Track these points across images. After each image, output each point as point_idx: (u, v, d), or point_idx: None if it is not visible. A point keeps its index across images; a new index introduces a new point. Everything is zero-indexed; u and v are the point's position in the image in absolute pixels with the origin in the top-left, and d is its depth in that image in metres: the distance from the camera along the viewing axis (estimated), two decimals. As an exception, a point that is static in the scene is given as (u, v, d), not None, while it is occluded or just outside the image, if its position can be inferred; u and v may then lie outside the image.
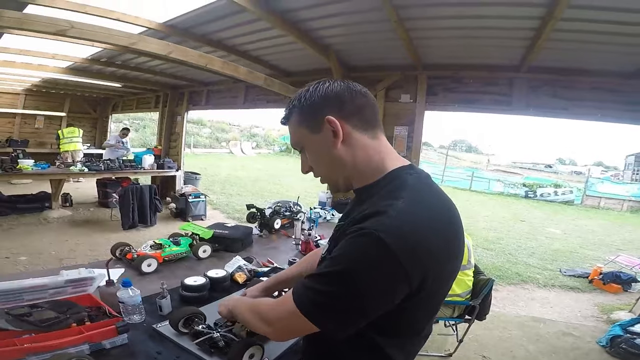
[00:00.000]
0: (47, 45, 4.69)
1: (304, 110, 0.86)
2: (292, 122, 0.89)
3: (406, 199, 0.73)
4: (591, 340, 3.35)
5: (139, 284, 1.47)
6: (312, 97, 0.84)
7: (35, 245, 4.51)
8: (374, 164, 0.85)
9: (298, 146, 0.91)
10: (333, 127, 0.82)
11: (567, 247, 7.58)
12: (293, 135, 0.90)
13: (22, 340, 1.00)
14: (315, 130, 0.84)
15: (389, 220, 0.69)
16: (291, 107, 0.88)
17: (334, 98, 0.83)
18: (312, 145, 0.87)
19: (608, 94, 3.47)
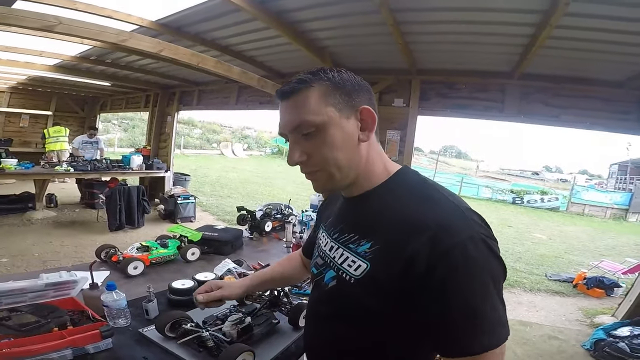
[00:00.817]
0: (34, 42, 4.57)
1: (338, 88, 0.72)
2: (311, 96, 0.71)
3: (447, 193, 0.69)
4: (576, 343, 3.42)
5: (124, 287, 1.43)
6: (349, 80, 0.74)
7: (17, 247, 4.38)
8: (381, 164, 0.79)
9: (310, 127, 0.71)
10: (370, 119, 0.74)
11: (552, 253, 7.72)
12: (308, 112, 0.71)
13: (0, 345, 0.95)
14: (347, 114, 0.73)
15: (462, 215, 0.63)
16: (313, 78, 0.72)
17: (367, 90, 0.77)
18: (337, 130, 0.72)
19: (599, 102, 3.51)
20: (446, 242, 0.58)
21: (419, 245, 0.59)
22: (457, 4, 2.65)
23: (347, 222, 0.81)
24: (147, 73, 6.45)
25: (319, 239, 0.92)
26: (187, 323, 1.17)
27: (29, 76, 7.54)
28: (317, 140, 0.72)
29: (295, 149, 0.75)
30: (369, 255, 0.69)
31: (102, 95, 10.17)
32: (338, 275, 0.76)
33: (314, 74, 0.72)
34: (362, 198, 0.78)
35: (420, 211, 0.64)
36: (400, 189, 0.74)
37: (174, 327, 1.16)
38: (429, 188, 0.71)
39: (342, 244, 0.78)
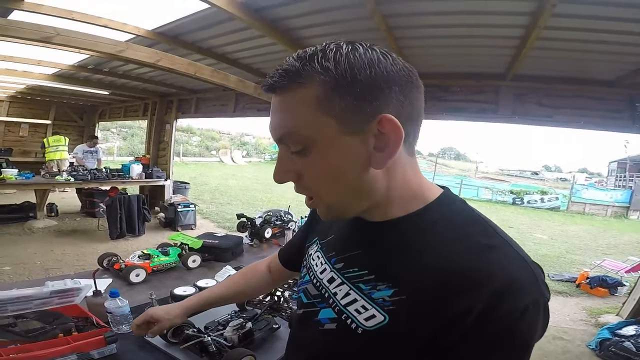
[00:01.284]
0: (32, 51, 4.61)
1: (344, 86, 0.48)
2: (301, 98, 0.50)
3: (507, 238, 0.53)
4: (581, 343, 3.41)
5: (127, 294, 1.45)
6: (365, 69, 0.48)
7: (19, 256, 4.41)
8: (412, 190, 0.58)
9: (297, 143, 0.52)
10: (392, 134, 0.49)
11: (554, 252, 7.72)
12: (295, 122, 0.51)
13: (7, 351, 0.98)
14: (351, 128, 0.50)
15: (532, 272, 0.49)
16: (306, 71, 0.49)
17: (397, 82, 0.50)
18: (333, 151, 0.51)
19: (591, 101, 3.55)
20: (509, 303, 0.45)
21: (472, 302, 0.45)
22: (448, 8, 2.70)
23: (360, 253, 0.61)
24: (145, 81, 6.51)
25: (310, 256, 0.74)
26: (189, 329, 1.19)
27: (27, 85, 7.58)
28: (308, 161, 0.53)
29: (282, 163, 0.56)
30: (389, 305, 0.52)
31: (101, 104, 10.21)
32: (340, 318, 0.58)
33: (310, 60, 0.49)
34: (386, 227, 0.58)
35: (477, 260, 0.48)
36: (443, 224, 0.55)
37: (176, 332, 1.18)
38: (485, 228, 0.54)
39: (348, 281, 0.59)
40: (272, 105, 0.55)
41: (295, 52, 0.52)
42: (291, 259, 0.94)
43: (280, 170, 0.57)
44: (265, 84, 0.54)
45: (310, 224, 0.87)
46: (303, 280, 0.73)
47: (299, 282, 0.76)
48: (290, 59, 0.51)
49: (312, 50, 0.51)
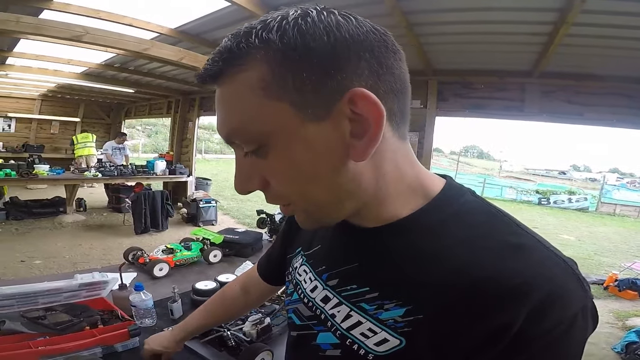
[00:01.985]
0: (62, 50, 4.77)
1: (299, 58, 0.37)
2: (244, 85, 0.39)
3: (536, 235, 0.44)
4: (606, 346, 3.32)
5: (151, 288, 1.48)
6: (317, 36, 0.37)
7: (49, 249, 4.59)
8: (409, 184, 0.47)
9: (248, 142, 0.42)
10: (371, 113, 0.38)
11: (581, 254, 7.48)
12: (239, 117, 0.41)
13: (36, 343, 1.01)
14: (316, 111, 0.39)
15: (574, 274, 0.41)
16: (247, 47, 0.38)
17: (362, 50, 0.39)
18: (297, 144, 0.40)
19: (623, 99, 3.42)
20: (555, 314, 0.36)
21: (511, 315, 0.36)
22: (470, 5, 2.65)
23: (356, 266, 0.50)
24: (168, 79, 6.64)
25: (295, 270, 0.64)
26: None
27: (58, 84, 7.85)
28: (269, 163, 0.42)
29: (242, 170, 0.45)
30: (404, 327, 0.43)
31: (127, 102, 10.49)
32: (344, 344, 0.48)
33: (245, 36, 0.39)
34: (384, 233, 0.48)
35: (509, 264, 0.39)
36: (455, 222, 0.45)
37: (197, 326, 1.20)
38: (508, 224, 0.44)
39: (346, 300, 0.50)
40: (216, 100, 0.43)
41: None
42: (273, 274, 0.83)
43: (240, 179, 0.45)
44: (198, 75, 0.43)
45: (286, 232, 0.75)
46: (291, 298, 0.62)
47: (286, 301, 0.65)
48: (225, 40, 0.41)
49: (250, 24, 0.40)
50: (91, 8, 3.32)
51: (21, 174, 5.44)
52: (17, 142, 9.29)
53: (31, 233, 5.25)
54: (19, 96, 9.35)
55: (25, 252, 4.38)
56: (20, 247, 4.56)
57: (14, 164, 5.75)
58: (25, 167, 5.75)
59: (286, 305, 0.64)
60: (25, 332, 1.06)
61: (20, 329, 1.06)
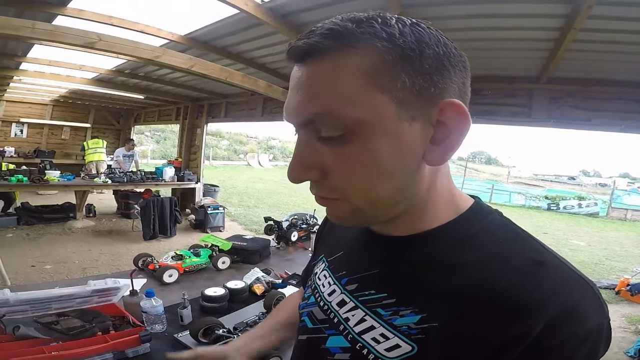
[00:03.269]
0: (74, 56, 4.85)
1: (408, 58, 0.39)
2: (348, 67, 0.39)
3: (558, 255, 0.44)
4: (618, 350, 3.31)
5: (160, 294, 1.50)
6: (432, 44, 0.40)
7: (60, 255, 4.64)
8: (445, 197, 0.49)
9: (337, 127, 0.40)
10: (457, 124, 0.42)
11: (592, 259, 7.43)
12: (337, 98, 0.39)
13: (50, 348, 1.03)
14: (413, 112, 0.40)
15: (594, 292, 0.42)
16: (359, 33, 0.39)
17: (461, 66, 0.43)
18: (388, 139, 0.40)
19: (632, 104, 3.38)
20: (570, 329, 0.37)
21: (525, 328, 0.37)
22: (476, 12, 2.65)
23: (377, 272, 0.52)
24: (178, 86, 6.72)
25: (316, 276, 0.65)
26: (219, 329, 1.22)
27: (69, 89, 7.94)
28: (346, 151, 0.41)
29: (304, 156, 0.44)
30: (417, 334, 0.43)
31: (136, 108, 10.61)
32: (354, 348, 0.49)
33: (368, 23, 0.39)
34: (409, 241, 0.49)
35: (529, 279, 0.40)
36: (482, 237, 0.46)
37: (206, 332, 1.22)
38: (531, 243, 0.45)
39: (362, 304, 0.50)
40: (298, 78, 0.42)
41: (335, 17, 0.41)
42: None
43: (299, 166, 0.44)
44: (297, 46, 0.41)
45: (317, 240, 0.76)
46: (307, 302, 0.63)
47: (301, 305, 0.65)
48: (334, 21, 0.40)
49: (362, 14, 0.40)
50: (104, 14, 3.39)
51: (33, 180, 5.52)
52: (29, 148, 9.43)
53: (42, 238, 5.33)
54: (31, 101, 9.48)
55: (36, 257, 4.45)
56: (31, 252, 4.62)
57: (25, 169, 5.84)
58: (37, 173, 5.83)
59: (300, 309, 0.64)
60: (39, 337, 1.08)
61: (34, 334, 1.08)
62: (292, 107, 0.43)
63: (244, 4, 2.87)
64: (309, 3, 2.92)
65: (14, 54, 4.87)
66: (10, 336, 1.06)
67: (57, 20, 3.32)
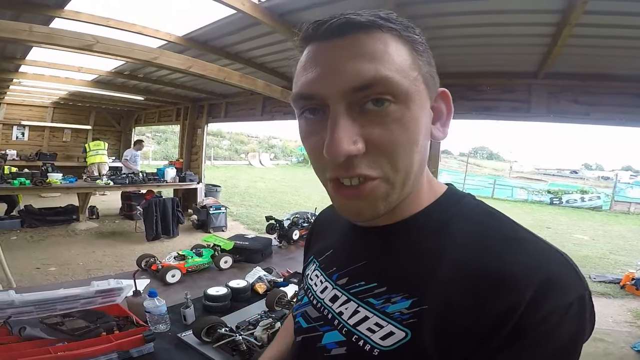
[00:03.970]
0: (73, 58, 4.85)
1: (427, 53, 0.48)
2: (395, 45, 0.44)
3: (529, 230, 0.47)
4: (625, 345, 3.30)
5: (163, 294, 1.52)
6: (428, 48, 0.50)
7: (63, 256, 4.67)
8: (427, 181, 0.53)
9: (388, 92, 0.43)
10: (448, 108, 0.52)
11: (596, 253, 7.40)
12: (390, 66, 0.43)
13: (55, 349, 1.05)
14: (430, 94, 0.48)
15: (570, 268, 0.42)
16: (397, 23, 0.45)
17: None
18: (422, 113, 0.46)
19: (631, 97, 3.38)
20: (551, 304, 0.38)
21: (511, 303, 0.38)
22: (473, 8, 2.66)
23: (365, 263, 0.54)
24: (177, 87, 6.73)
25: (308, 277, 0.66)
26: (221, 328, 1.24)
27: (69, 91, 7.95)
28: (393, 119, 0.43)
29: (349, 128, 0.43)
30: (409, 319, 0.44)
31: (137, 109, 10.60)
32: (349, 341, 0.50)
33: (398, 18, 0.46)
34: (392, 231, 0.52)
35: (507, 257, 0.42)
36: (460, 219, 0.49)
37: (209, 332, 1.23)
38: (507, 222, 0.48)
39: (354, 296, 0.52)
40: (341, 48, 0.43)
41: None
42: None
43: (347, 137, 0.42)
44: (345, 19, 0.44)
45: (305, 247, 0.78)
46: (301, 303, 0.64)
47: (295, 307, 0.66)
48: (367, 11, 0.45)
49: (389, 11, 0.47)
50: (101, 16, 3.39)
51: (35, 183, 5.56)
52: (31, 151, 9.44)
53: (45, 240, 5.36)
54: (32, 104, 9.49)
55: (40, 259, 4.48)
56: (35, 254, 4.65)
57: (28, 172, 5.87)
58: (39, 175, 5.86)
59: (294, 311, 0.65)
60: (44, 337, 1.10)
61: (40, 334, 1.10)
62: (338, 74, 0.43)
63: (241, 4, 2.88)
64: (306, 2, 2.93)
65: (12, 57, 4.88)
66: (16, 337, 1.08)
67: (55, 23, 3.34)
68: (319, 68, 0.44)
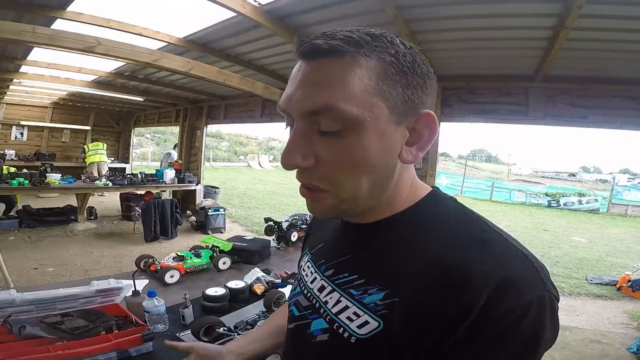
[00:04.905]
0: (73, 59, 4.85)
1: (403, 72, 0.47)
2: (356, 70, 0.45)
3: (504, 234, 0.49)
4: (621, 347, 3.31)
5: (162, 294, 1.52)
6: (420, 65, 0.49)
7: (62, 257, 4.67)
8: (408, 185, 0.56)
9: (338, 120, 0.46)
10: (428, 131, 0.50)
11: (593, 256, 7.43)
12: (342, 95, 0.45)
13: (55, 347, 1.06)
14: (398, 118, 0.48)
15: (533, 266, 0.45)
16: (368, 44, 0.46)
17: (435, 86, 0.52)
18: (377, 138, 0.47)
19: (628, 101, 3.40)
20: (509, 302, 0.40)
21: (470, 300, 0.41)
22: (472, 12, 2.68)
23: (349, 257, 0.58)
24: (177, 88, 6.73)
25: (301, 268, 0.71)
26: (219, 327, 1.25)
27: (69, 92, 7.94)
28: (341, 144, 0.47)
29: (301, 144, 0.48)
30: (382, 309, 0.48)
31: (136, 110, 10.60)
32: (331, 328, 0.54)
33: (371, 38, 0.46)
34: (375, 228, 0.56)
35: (473, 256, 0.44)
36: (436, 220, 0.53)
37: (207, 331, 1.24)
38: (479, 224, 0.50)
39: (338, 287, 0.56)
40: (308, 72, 0.47)
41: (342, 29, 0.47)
42: None
43: (297, 152, 0.47)
44: (315, 44, 0.46)
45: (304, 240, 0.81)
46: (294, 292, 0.69)
47: (290, 295, 0.72)
48: (352, 30, 0.47)
49: (376, 30, 0.48)
50: (102, 18, 3.41)
51: (34, 183, 5.55)
52: (30, 151, 9.41)
53: (43, 241, 5.35)
54: (31, 104, 9.47)
55: (38, 259, 4.47)
56: (33, 254, 4.65)
57: (26, 172, 5.86)
58: (38, 176, 5.85)
59: (289, 300, 0.70)
60: (44, 336, 1.11)
61: (40, 333, 1.11)
62: (297, 97, 0.47)
63: (242, 7, 2.90)
64: (306, 5, 2.95)
65: (13, 57, 4.89)
66: (16, 336, 1.09)
67: (56, 24, 3.35)
68: (292, 87, 0.49)
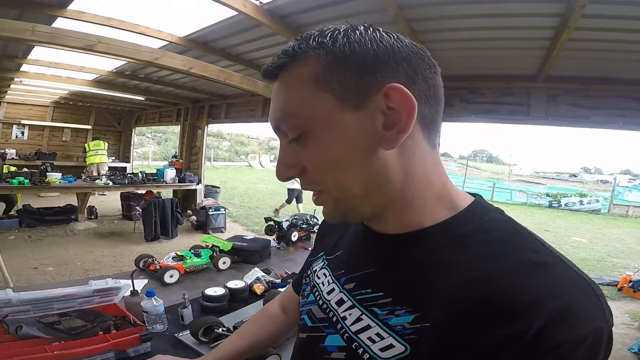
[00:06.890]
0: (74, 58, 4.86)
1: (345, 59, 0.44)
2: (299, 76, 0.46)
3: (562, 256, 0.43)
4: (622, 347, 3.31)
5: (161, 294, 1.51)
6: (368, 44, 0.44)
7: (62, 256, 4.67)
8: (435, 190, 0.50)
9: (293, 128, 0.48)
10: (404, 106, 0.43)
11: (594, 256, 7.44)
12: (289, 103, 0.47)
13: (52, 348, 1.04)
14: (354, 102, 0.44)
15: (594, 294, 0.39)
16: (306, 47, 0.46)
17: (401, 59, 0.45)
18: (332, 131, 0.45)
19: (631, 101, 3.39)
20: (565, 332, 0.35)
21: (517, 330, 0.36)
22: (474, 12, 2.67)
23: (374, 271, 0.52)
24: (178, 87, 6.74)
25: (315, 273, 0.66)
26: (219, 328, 1.23)
27: (70, 91, 7.95)
28: (307, 148, 0.47)
29: (285, 157, 0.50)
30: (410, 334, 0.43)
31: (137, 110, 10.61)
32: (349, 347, 0.50)
33: (306, 39, 0.46)
34: (406, 240, 0.50)
35: (525, 280, 0.39)
36: (478, 237, 0.46)
37: (206, 331, 1.23)
38: (531, 242, 0.44)
39: (359, 303, 0.51)
40: (272, 93, 0.51)
41: None
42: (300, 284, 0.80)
43: (282, 165, 0.51)
44: (264, 70, 0.50)
45: (316, 241, 0.78)
46: (307, 300, 0.64)
47: (301, 302, 0.67)
48: (294, 40, 0.48)
49: (310, 32, 0.48)
50: (104, 16, 3.40)
51: (34, 182, 5.55)
52: (30, 150, 9.42)
53: (43, 240, 5.35)
54: (32, 103, 9.47)
55: (38, 259, 4.47)
56: (33, 254, 4.65)
57: (27, 171, 5.86)
58: (38, 175, 5.85)
59: (300, 307, 0.66)
60: (41, 336, 1.10)
61: (37, 333, 1.10)
62: (269, 117, 0.51)
63: (243, 6, 2.89)
64: (307, 4, 2.94)
65: (14, 56, 4.89)
66: (13, 336, 1.07)
67: (57, 22, 3.34)
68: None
